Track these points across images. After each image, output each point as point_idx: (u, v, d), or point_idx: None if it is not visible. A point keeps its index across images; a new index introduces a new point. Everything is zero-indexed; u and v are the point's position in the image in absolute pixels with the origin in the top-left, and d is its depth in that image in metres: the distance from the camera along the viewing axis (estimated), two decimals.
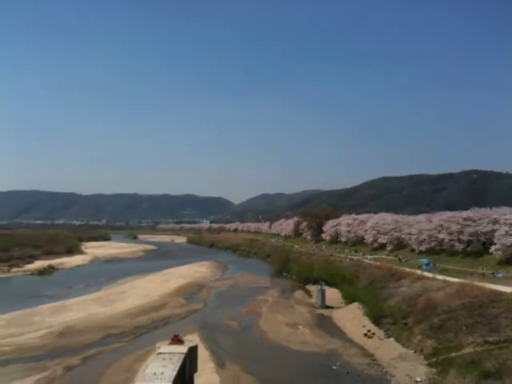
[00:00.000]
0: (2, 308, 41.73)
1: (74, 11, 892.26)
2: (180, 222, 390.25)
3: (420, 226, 62.38)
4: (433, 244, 58.84)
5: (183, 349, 9.92)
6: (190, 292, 53.39)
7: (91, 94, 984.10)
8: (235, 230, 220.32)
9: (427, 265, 49.38)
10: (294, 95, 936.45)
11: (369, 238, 77.01)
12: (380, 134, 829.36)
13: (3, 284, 62.05)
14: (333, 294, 47.63)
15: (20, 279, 67.24)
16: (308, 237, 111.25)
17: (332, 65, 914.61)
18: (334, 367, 25.88)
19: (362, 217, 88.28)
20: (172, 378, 8.21)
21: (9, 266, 76.37)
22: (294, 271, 67.20)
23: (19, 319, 37.73)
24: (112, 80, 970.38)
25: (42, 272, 72.86)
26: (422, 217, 69.45)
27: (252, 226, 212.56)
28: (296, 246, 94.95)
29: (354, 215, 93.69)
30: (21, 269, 76.71)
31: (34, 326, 35.50)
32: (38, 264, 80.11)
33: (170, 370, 8.56)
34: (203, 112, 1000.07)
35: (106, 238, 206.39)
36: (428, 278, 38.82)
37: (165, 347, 9.99)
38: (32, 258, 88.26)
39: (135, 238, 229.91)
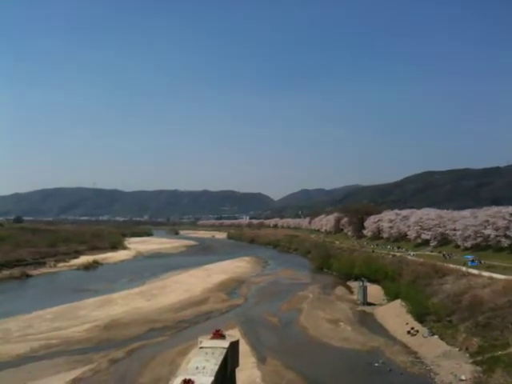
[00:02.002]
0: (49, 302, 43.16)
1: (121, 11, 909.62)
2: (220, 218, 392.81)
3: (465, 221, 60.58)
4: (478, 240, 57.04)
5: (225, 343, 9.97)
6: (231, 287, 53.76)
7: (132, 90, 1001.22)
8: (275, 226, 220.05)
9: (472, 261, 47.90)
10: (332, 89, 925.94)
11: (412, 234, 75.46)
12: (421, 127, 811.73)
13: (50, 278, 64.07)
14: (375, 291, 46.97)
15: (66, 274, 69.27)
16: (349, 233, 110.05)
17: (372, 60, 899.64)
18: (377, 364, 25.53)
19: (405, 212, 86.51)
20: (214, 373, 8.27)
21: (55, 260, 78.56)
22: (334, 267, 66.60)
23: (66, 313, 38.87)
24: (152, 75, 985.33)
25: (87, 267, 74.80)
26: (466, 212, 67.45)
27: (292, 221, 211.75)
28: (337, 242, 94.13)
29: (396, 210, 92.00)
30: (67, 264, 78.85)
31: (79, 319, 36.50)
32: (84, 259, 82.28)
33: (212, 365, 8.62)
34: (242, 108, 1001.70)
35: (149, 234, 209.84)
36: (473, 274, 37.66)
37: (207, 341, 10.06)
38: (77, 254, 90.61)
39: (177, 233, 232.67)
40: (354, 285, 51.08)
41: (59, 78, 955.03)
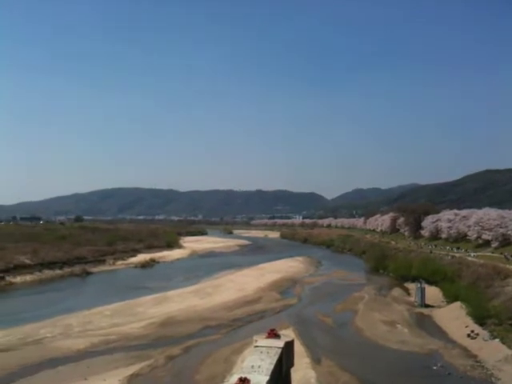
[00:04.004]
0: (108, 299, 44.61)
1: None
2: (273, 218, 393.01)
3: None
4: None
5: (280, 343, 9.83)
6: (284, 287, 53.60)
7: (193, 91, 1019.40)
8: (328, 226, 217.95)
9: None
10: (389, 88, 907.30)
11: (472, 235, 72.68)
12: (481, 124, 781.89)
13: (109, 276, 66.26)
14: (433, 293, 45.58)
15: (124, 271, 71.38)
16: (405, 233, 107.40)
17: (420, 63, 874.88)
18: (435, 368, 24.74)
19: (464, 212, 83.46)
20: (270, 372, 8.14)
21: (114, 259, 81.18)
22: (390, 268, 65.14)
23: (124, 309, 40.00)
24: (208, 76, 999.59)
25: (143, 265, 76.74)
26: None
27: (346, 221, 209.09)
28: (393, 243, 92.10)
29: (455, 210, 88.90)
30: (124, 262, 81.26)
31: (137, 316, 37.47)
32: (141, 257, 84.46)
33: (268, 364, 8.50)
34: (295, 108, 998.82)
35: (203, 233, 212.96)
36: None
37: (262, 341, 9.96)
38: (135, 252, 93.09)
39: (230, 232, 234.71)
40: (412, 286, 49.76)
41: (119, 80, 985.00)
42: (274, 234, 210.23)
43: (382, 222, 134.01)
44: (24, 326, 33.31)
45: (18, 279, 56.74)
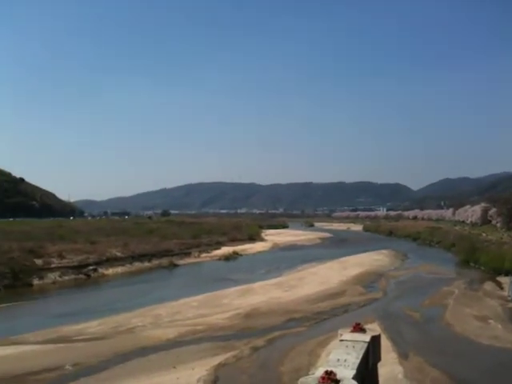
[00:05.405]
0: (194, 290, 45.94)
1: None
2: (355, 210, 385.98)
3: None
4: None
5: (366, 337, 9.64)
6: (369, 280, 52.42)
7: (268, 88, 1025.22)
8: (414, 218, 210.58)
9: None
10: (469, 75, 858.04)
11: None
12: None
13: (194, 268, 68.25)
14: None
15: (208, 264, 73.21)
16: (498, 224, 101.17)
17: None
18: None
19: None
20: (356, 366, 8.00)
21: (199, 251, 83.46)
22: (482, 261, 61.73)
23: (209, 301, 40.94)
24: (283, 74, 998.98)
25: (227, 257, 78.08)
26: None
27: (433, 213, 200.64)
28: (484, 235, 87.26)
29: None
30: (209, 254, 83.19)
31: (222, 307, 38.19)
32: (224, 250, 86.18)
33: (354, 358, 8.36)
34: (378, 95, 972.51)
35: (284, 226, 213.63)
36: None
37: (347, 334, 9.81)
38: (218, 245, 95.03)
39: (311, 225, 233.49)
40: (505, 280, 46.85)
41: (198, 77, 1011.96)
42: (357, 227, 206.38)
43: (472, 213, 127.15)
44: (116, 316, 35.04)
45: (110, 271, 59.88)
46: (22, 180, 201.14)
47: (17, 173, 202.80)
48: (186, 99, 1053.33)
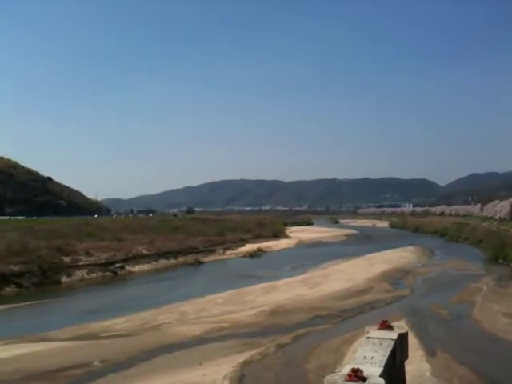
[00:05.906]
0: (219, 287, 45.96)
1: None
2: (381, 206, 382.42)
3: None
4: None
5: (393, 335, 9.48)
6: (395, 277, 51.77)
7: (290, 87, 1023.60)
8: (441, 214, 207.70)
9: None
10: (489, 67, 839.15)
11: None
12: None
13: (219, 265, 68.49)
14: None
15: (233, 261, 73.39)
16: None
17: None
18: None
19: None
20: (383, 363, 7.88)
21: (223, 248, 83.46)
22: (510, 258, 60.49)
23: (234, 298, 40.95)
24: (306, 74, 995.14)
25: (252, 254, 78.11)
26: None
27: (461, 208, 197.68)
28: None
29: None
30: (233, 251, 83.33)
31: (247, 304, 38.13)
32: (249, 247, 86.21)
33: (381, 355, 8.23)
34: (403, 88, 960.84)
35: (309, 223, 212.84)
36: None
37: (374, 332, 9.67)
38: (243, 242, 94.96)
39: (336, 222, 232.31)
40: None
41: (225, 78, 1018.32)
42: (383, 224, 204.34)
43: (500, 208, 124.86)
44: (143, 313, 35.26)
45: (137, 268, 60.51)
46: (49, 179, 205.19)
47: (44, 172, 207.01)
48: (210, 99, 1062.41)
